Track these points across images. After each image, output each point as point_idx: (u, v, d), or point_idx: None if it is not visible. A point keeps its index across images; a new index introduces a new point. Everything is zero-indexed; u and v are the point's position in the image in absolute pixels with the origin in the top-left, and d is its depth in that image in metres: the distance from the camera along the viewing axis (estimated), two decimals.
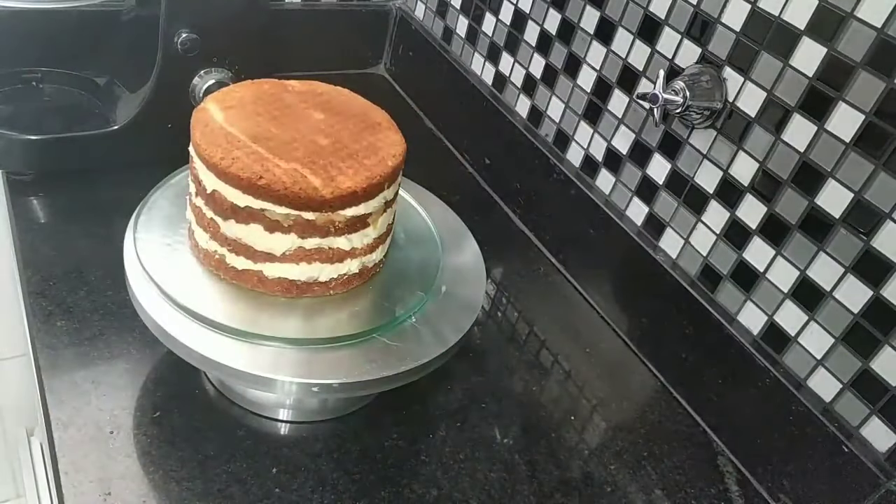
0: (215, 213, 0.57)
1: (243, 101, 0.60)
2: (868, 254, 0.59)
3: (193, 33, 0.79)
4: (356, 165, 0.57)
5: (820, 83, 0.60)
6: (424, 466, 0.63)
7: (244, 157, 0.55)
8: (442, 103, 1.07)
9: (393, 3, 1.14)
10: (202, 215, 0.58)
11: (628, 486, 0.65)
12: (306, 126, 0.59)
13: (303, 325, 0.58)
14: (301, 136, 0.58)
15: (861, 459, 0.60)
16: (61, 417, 0.58)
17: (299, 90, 0.64)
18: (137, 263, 0.58)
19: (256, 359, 0.54)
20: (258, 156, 0.55)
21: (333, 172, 0.56)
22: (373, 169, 0.57)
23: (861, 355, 0.60)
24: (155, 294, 0.57)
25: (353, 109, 0.63)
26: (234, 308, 0.57)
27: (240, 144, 0.56)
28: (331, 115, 0.61)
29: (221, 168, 0.54)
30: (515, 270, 0.88)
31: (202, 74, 0.82)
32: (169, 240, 0.61)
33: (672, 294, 0.74)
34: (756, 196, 0.67)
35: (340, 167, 0.56)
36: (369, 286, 0.63)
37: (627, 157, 0.79)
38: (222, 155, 0.55)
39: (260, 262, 0.57)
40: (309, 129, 0.59)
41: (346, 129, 0.60)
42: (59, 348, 0.63)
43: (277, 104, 0.61)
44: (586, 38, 0.82)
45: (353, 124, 0.61)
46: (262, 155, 0.55)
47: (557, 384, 0.74)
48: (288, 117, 0.60)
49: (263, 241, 0.56)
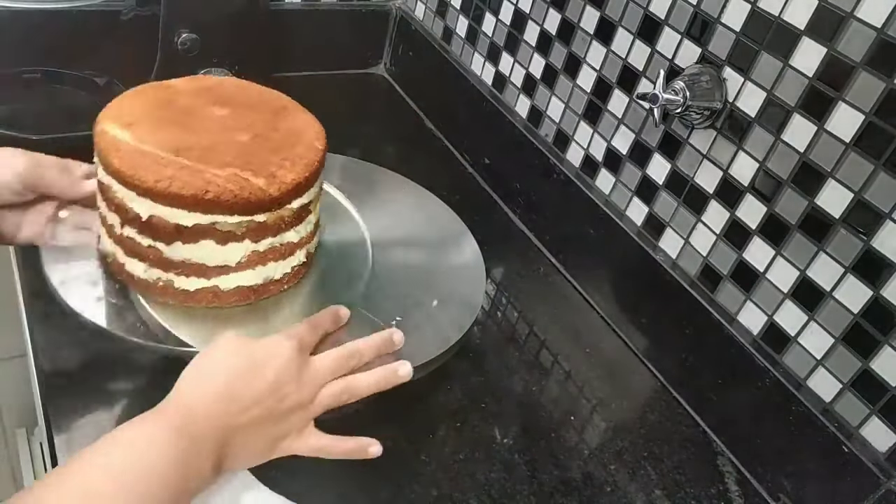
0: (154, 238, 0.54)
1: (140, 113, 0.57)
2: (868, 254, 0.59)
3: (193, 33, 0.79)
4: (290, 156, 0.56)
5: (820, 83, 0.60)
6: (424, 466, 0.63)
7: (178, 173, 0.52)
8: (442, 103, 1.07)
9: (393, 3, 1.14)
10: (135, 245, 0.55)
11: (628, 486, 0.65)
12: (217, 125, 0.57)
13: (267, 327, 0.58)
14: (220, 138, 0.56)
15: (861, 459, 0.60)
16: (61, 417, 0.58)
17: (187, 88, 0.61)
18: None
19: None
20: (191, 169, 0.52)
21: (272, 168, 0.54)
22: (307, 156, 0.56)
23: (861, 355, 0.60)
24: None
25: (252, 98, 0.62)
26: (197, 330, 0.56)
27: (165, 161, 0.52)
28: (234, 109, 0.59)
29: (159, 190, 0.51)
30: (515, 270, 0.88)
31: (202, 74, 0.82)
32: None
33: (672, 294, 0.74)
34: (756, 196, 0.67)
35: (275, 161, 0.55)
36: (311, 273, 0.62)
37: (627, 157, 0.79)
38: (155, 177, 0.51)
39: (214, 277, 0.56)
40: (221, 129, 0.57)
41: (258, 120, 0.58)
42: (59, 348, 0.63)
43: (174, 109, 0.58)
44: (586, 38, 0.82)
45: (260, 113, 0.59)
46: (195, 167, 0.52)
47: (557, 384, 0.74)
48: (193, 120, 0.57)
49: (217, 255, 0.54)
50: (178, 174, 0.52)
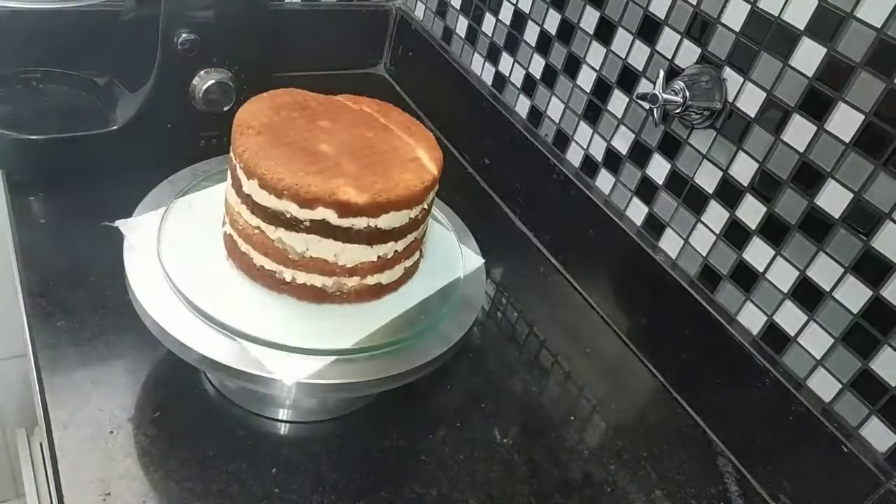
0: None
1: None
2: (868, 254, 0.59)
3: (193, 33, 0.79)
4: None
5: (820, 83, 0.60)
6: (424, 466, 0.63)
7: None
8: (442, 103, 1.07)
9: (393, 3, 1.14)
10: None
11: (628, 487, 0.65)
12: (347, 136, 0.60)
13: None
14: (345, 144, 0.58)
15: (861, 459, 0.60)
16: (61, 417, 0.58)
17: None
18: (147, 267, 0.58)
19: (256, 359, 0.54)
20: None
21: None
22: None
23: (861, 355, 0.60)
24: (156, 294, 0.57)
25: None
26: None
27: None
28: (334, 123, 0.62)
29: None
30: (515, 270, 0.88)
31: (202, 74, 0.82)
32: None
33: (672, 294, 0.74)
34: (756, 196, 0.67)
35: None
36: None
37: (627, 158, 0.79)
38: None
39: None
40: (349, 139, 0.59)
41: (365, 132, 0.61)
42: (58, 348, 0.63)
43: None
44: (586, 38, 0.82)
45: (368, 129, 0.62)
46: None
47: (557, 384, 0.74)
48: (325, 126, 0.60)
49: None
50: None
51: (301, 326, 0.57)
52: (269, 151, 0.55)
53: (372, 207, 0.54)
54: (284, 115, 0.59)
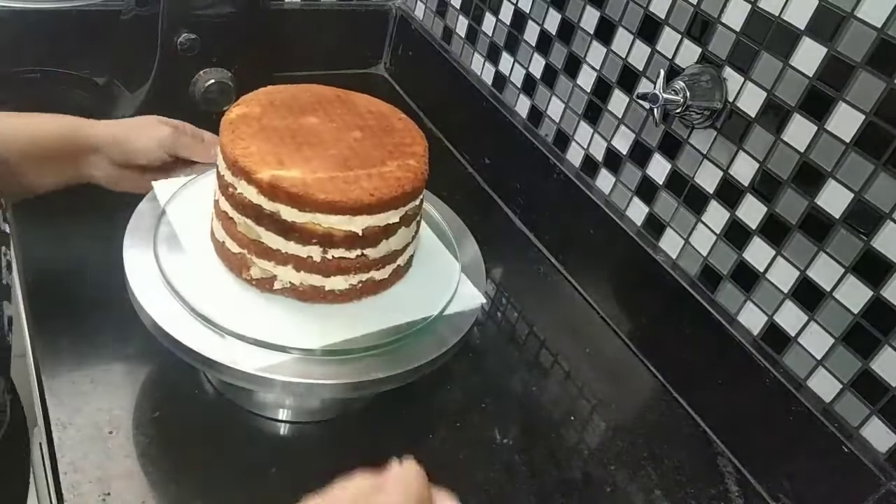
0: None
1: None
2: (868, 254, 0.59)
3: (193, 33, 0.79)
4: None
5: (820, 83, 0.60)
6: (424, 467, 0.62)
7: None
8: (442, 103, 1.07)
9: (393, 3, 1.14)
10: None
11: (628, 486, 0.65)
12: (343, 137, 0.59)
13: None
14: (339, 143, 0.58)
15: (861, 460, 0.60)
16: (60, 417, 0.58)
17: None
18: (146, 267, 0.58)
19: (256, 359, 0.54)
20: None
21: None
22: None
23: (861, 355, 0.60)
24: (156, 293, 0.56)
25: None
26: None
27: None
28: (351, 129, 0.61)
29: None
30: (515, 270, 0.88)
31: (202, 74, 0.82)
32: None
33: (672, 294, 0.74)
34: (756, 196, 0.67)
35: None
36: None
37: (627, 157, 0.79)
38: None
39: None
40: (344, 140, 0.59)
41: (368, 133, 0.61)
42: (58, 348, 0.63)
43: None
44: (586, 38, 0.82)
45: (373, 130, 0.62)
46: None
47: (557, 384, 0.74)
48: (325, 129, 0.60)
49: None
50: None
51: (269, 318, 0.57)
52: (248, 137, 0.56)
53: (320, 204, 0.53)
54: (273, 108, 0.59)
